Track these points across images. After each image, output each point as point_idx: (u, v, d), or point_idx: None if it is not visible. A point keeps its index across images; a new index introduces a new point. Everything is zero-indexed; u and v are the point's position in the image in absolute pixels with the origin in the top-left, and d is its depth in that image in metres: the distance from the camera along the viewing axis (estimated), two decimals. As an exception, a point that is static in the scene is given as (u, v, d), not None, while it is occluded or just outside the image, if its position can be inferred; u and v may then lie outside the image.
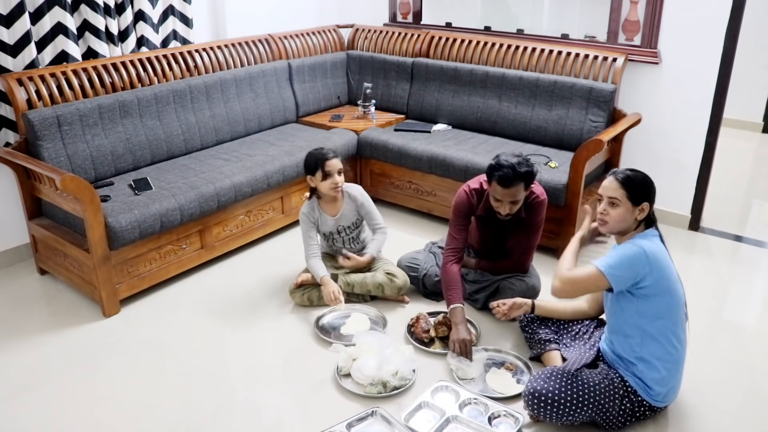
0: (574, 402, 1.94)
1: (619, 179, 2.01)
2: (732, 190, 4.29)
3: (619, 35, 3.55)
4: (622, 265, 1.93)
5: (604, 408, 1.97)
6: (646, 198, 2.00)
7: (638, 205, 1.99)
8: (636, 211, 2.00)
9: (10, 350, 2.55)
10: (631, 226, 2.03)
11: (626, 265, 1.92)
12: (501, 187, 2.43)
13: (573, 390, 1.95)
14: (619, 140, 3.51)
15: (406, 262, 2.92)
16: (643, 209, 2.00)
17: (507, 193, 2.44)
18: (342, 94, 4.47)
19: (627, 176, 2.01)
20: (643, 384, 2.01)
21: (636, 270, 1.92)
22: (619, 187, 2.00)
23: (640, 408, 2.02)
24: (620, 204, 2.00)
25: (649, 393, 2.01)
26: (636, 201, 1.99)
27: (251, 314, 2.78)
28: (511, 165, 2.40)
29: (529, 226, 2.64)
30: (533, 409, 1.99)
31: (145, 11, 3.40)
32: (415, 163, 3.61)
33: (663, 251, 1.98)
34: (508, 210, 2.50)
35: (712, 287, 3.05)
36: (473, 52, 3.98)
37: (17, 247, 3.24)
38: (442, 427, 2.05)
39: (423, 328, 2.55)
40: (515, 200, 2.48)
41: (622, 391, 2.00)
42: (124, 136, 3.17)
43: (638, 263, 1.91)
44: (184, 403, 2.24)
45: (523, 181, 2.43)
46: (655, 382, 2.00)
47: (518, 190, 2.44)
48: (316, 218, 2.86)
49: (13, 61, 2.96)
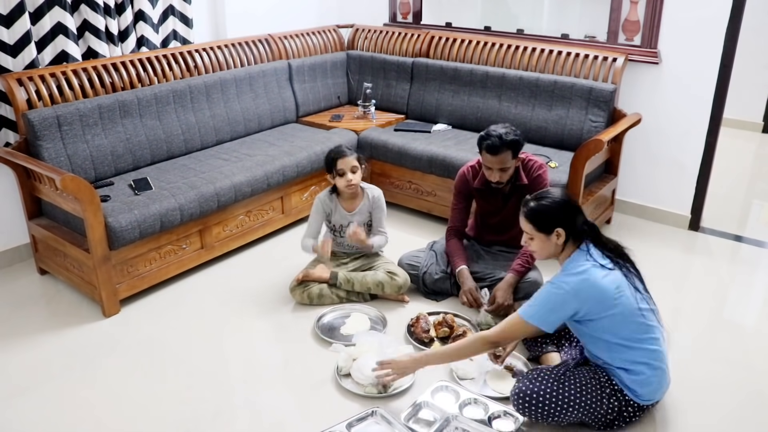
0: (560, 402, 1.94)
1: (524, 213, 2.02)
2: (732, 190, 4.29)
3: (619, 35, 3.55)
4: (548, 311, 1.93)
5: (592, 407, 1.97)
6: (557, 224, 1.97)
7: (551, 233, 1.98)
8: (552, 238, 1.99)
9: (10, 350, 2.55)
10: (556, 250, 2.02)
11: (551, 309, 1.93)
12: (489, 154, 2.60)
13: (559, 390, 1.95)
14: (619, 140, 3.51)
15: (407, 261, 2.92)
16: (558, 234, 1.98)
17: (495, 160, 2.60)
18: (342, 94, 4.47)
19: (531, 209, 2.00)
20: (626, 386, 2.00)
21: (564, 310, 1.92)
22: (526, 222, 2.02)
23: (628, 408, 2.01)
24: (533, 237, 2.02)
25: (635, 394, 2.00)
26: (547, 230, 1.98)
27: (251, 314, 2.78)
28: (499, 134, 2.58)
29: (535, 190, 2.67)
30: (519, 409, 2.00)
31: (145, 11, 3.40)
32: (415, 163, 3.61)
33: (587, 276, 1.90)
34: (498, 177, 2.65)
35: (712, 287, 3.05)
36: (473, 52, 3.98)
37: (17, 247, 3.24)
38: (443, 427, 2.05)
39: (423, 328, 2.55)
40: (504, 167, 2.62)
41: (608, 389, 1.99)
42: (124, 136, 3.17)
43: (564, 304, 1.92)
44: (184, 403, 2.24)
45: (510, 148, 2.58)
46: (638, 384, 1.99)
47: (506, 157, 2.59)
48: (330, 210, 2.88)
49: (13, 61, 2.96)
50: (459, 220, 2.90)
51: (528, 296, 2.65)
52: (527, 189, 2.65)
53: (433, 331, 2.56)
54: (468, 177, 2.83)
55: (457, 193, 2.89)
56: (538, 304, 1.96)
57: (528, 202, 2.02)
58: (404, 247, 3.11)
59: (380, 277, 2.80)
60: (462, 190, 2.87)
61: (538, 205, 2.00)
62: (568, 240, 2.00)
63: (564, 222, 1.98)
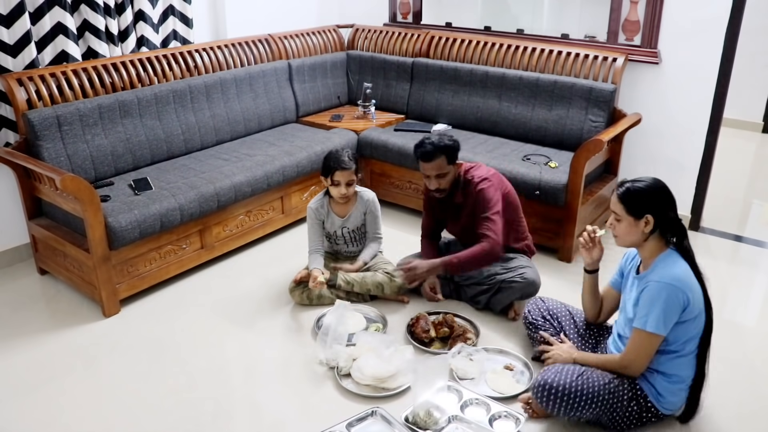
0: (583, 397, 1.93)
1: (618, 193, 1.96)
2: (732, 190, 4.29)
3: (619, 35, 3.55)
4: (667, 312, 1.86)
5: (612, 408, 1.96)
6: (648, 210, 1.91)
7: (640, 218, 1.92)
8: (641, 224, 1.93)
9: (10, 350, 2.55)
10: (640, 238, 1.96)
11: (669, 309, 1.86)
12: (423, 161, 2.62)
13: (583, 386, 1.94)
14: (619, 140, 3.51)
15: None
16: (647, 221, 1.92)
17: (430, 166, 2.61)
18: (342, 94, 4.47)
19: (626, 189, 1.95)
20: (655, 391, 1.98)
21: (678, 305, 1.86)
22: (617, 202, 1.96)
23: (647, 413, 2.00)
24: (622, 219, 1.96)
25: (659, 401, 1.98)
26: (637, 214, 1.92)
27: (251, 314, 2.78)
28: (432, 141, 2.61)
29: (477, 209, 2.65)
30: (542, 400, 1.98)
31: (145, 11, 3.40)
32: (415, 163, 3.58)
33: (688, 270, 1.91)
34: (436, 185, 2.64)
35: (713, 287, 3.03)
36: (473, 52, 3.98)
37: (17, 247, 3.24)
38: (443, 426, 2.05)
39: (423, 328, 2.55)
40: (440, 173, 2.61)
41: (630, 393, 1.98)
42: (124, 136, 3.17)
43: (677, 299, 1.86)
44: (184, 403, 2.24)
45: (443, 153, 2.58)
46: (669, 392, 1.97)
47: (441, 162, 2.59)
48: (323, 216, 2.87)
49: (13, 61, 2.96)
50: (428, 226, 2.94)
51: (525, 296, 2.67)
52: (468, 203, 2.67)
53: (433, 331, 2.56)
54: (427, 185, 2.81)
55: (425, 201, 2.92)
56: (655, 310, 1.87)
57: (624, 183, 1.98)
58: (405, 247, 3.11)
59: (379, 278, 2.80)
60: (426, 200, 2.90)
61: (634, 186, 1.94)
62: (655, 231, 1.95)
63: (656, 210, 1.92)
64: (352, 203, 2.89)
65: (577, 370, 1.98)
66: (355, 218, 2.89)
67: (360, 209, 2.89)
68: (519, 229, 2.80)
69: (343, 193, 2.76)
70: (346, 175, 2.74)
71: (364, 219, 2.92)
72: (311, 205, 2.87)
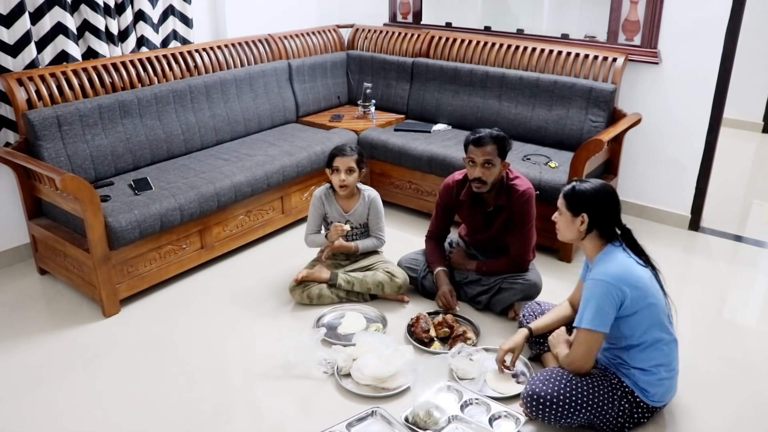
0: (572, 404, 1.94)
1: (565, 189, 2.07)
2: (732, 190, 4.29)
3: (619, 35, 3.55)
4: (601, 308, 1.91)
5: (603, 410, 1.97)
6: (585, 209, 2.00)
7: (577, 215, 2.01)
8: (577, 221, 2.02)
9: (10, 350, 2.55)
10: (577, 236, 2.05)
11: (603, 305, 1.91)
12: (474, 146, 2.58)
13: (571, 392, 1.95)
14: (619, 140, 3.51)
15: (406, 263, 2.92)
16: (583, 220, 2.00)
17: (480, 151, 2.56)
18: (342, 94, 4.47)
19: (572, 187, 2.05)
20: (639, 387, 2.00)
21: (614, 301, 1.91)
22: (561, 197, 2.07)
23: (638, 409, 2.01)
24: (562, 213, 2.06)
25: (645, 394, 2.00)
26: (575, 211, 2.02)
27: (251, 314, 2.78)
28: (488, 130, 2.60)
29: (515, 219, 2.66)
30: (531, 411, 2.00)
31: (145, 11, 3.40)
32: (415, 163, 3.61)
33: (625, 264, 1.95)
34: (480, 174, 2.57)
35: (712, 287, 3.05)
36: (473, 52, 3.98)
37: (17, 247, 3.24)
38: (443, 426, 2.05)
39: (423, 328, 2.55)
40: (488, 159, 2.55)
41: (620, 392, 2.00)
42: (124, 136, 3.17)
43: (610, 295, 1.90)
44: (184, 403, 2.24)
45: (496, 143, 2.56)
46: (651, 384, 1.99)
47: (491, 150, 2.55)
48: (327, 208, 2.89)
49: (13, 61, 2.96)
50: (438, 229, 2.88)
51: (526, 298, 2.67)
52: (510, 209, 2.65)
53: (433, 331, 2.56)
54: (452, 189, 2.77)
55: (440, 203, 2.83)
56: (590, 307, 1.92)
57: (577, 181, 2.06)
58: (405, 247, 3.11)
59: (380, 278, 2.80)
60: (446, 201, 2.81)
61: (580, 186, 2.04)
62: (591, 231, 2.02)
63: (592, 210, 2.00)
64: (356, 199, 2.89)
65: (566, 377, 1.99)
66: (359, 214, 2.89)
67: (364, 207, 2.90)
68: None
69: (342, 179, 2.76)
70: (346, 162, 2.76)
71: (368, 217, 2.93)
72: (316, 194, 2.90)
